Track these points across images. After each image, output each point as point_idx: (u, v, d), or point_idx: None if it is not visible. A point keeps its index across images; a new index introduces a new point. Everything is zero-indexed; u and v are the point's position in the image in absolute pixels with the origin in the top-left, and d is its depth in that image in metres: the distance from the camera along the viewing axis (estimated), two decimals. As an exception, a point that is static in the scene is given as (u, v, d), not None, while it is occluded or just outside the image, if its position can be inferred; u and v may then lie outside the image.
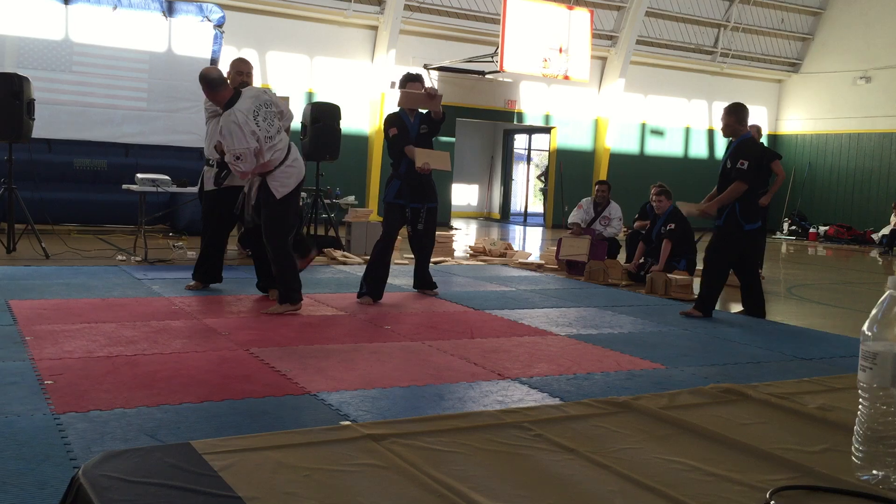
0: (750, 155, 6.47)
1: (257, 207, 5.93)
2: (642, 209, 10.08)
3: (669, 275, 8.02)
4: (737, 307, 7.39)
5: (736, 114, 6.57)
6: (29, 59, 11.26)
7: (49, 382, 3.77)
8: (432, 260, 9.76)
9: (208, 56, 12.26)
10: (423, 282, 7.17)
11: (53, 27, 11.43)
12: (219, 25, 12.40)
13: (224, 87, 5.82)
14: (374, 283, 6.60)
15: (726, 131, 6.63)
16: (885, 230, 17.11)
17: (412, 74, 6.97)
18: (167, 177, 9.05)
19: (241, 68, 6.69)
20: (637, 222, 9.76)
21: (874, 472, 1.40)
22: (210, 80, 5.83)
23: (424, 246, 7.03)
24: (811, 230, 18.79)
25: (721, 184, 6.61)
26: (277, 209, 5.84)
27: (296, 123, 10.91)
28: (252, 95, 5.74)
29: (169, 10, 12.00)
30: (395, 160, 6.84)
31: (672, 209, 8.71)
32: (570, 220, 9.94)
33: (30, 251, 8.45)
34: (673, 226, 8.56)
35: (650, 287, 8.06)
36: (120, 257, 8.60)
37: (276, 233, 5.86)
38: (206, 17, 12.29)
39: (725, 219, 6.54)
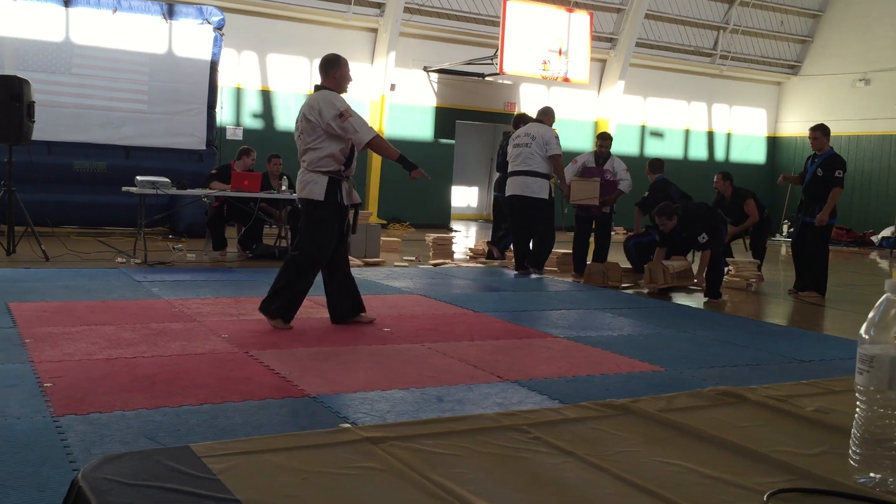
0: (843, 165, 8.14)
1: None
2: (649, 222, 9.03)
3: (665, 262, 7.95)
4: (742, 309, 7.40)
5: (825, 133, 8.17)
6: (29, 62, 11.27)
7: (48, 385, 3.78)
8: (433, 262, 9.80)
9: (208, 58, 12.27)
10: None
11: (54, 29, 11.45)
12: (219, 28, 12.41)
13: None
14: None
15: (816, 145, 8.20)
16: (886, 232, 17.09)
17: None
18: (167, 179, 9.05)
19: None
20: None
21: (871, 474, 1.41)
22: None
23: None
24: (810, 232, 18.74)
25: (810, 189, 8.18)
26: None
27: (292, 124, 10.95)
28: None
29: (169, 13, 12.02)
30: None
31: (702, 215, 8.05)
32: (568, 179, 9.26)
33: (30, 253, 8.46)
34: (706, 237, 7.85)
35: (649, 277, 7.97)
36: (120, 259, 8.60)
37: None
38: (207, 19, 12.30)
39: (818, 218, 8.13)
